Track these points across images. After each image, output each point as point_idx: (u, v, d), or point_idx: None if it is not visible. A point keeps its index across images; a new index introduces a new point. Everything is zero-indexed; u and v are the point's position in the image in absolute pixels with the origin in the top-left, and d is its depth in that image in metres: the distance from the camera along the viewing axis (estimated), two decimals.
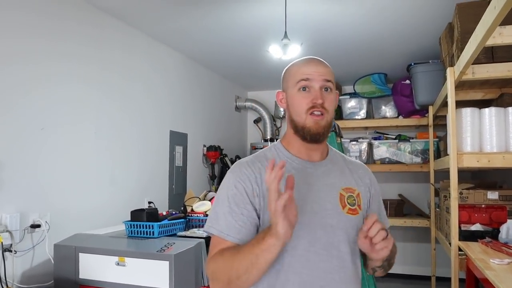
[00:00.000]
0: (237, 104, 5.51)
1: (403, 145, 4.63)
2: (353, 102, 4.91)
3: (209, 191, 3.08)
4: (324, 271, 1.10)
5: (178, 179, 4.09)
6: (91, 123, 2.95)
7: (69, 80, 2.76)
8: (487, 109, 2.47)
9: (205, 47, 3.94)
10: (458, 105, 2.53)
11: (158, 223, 2.34)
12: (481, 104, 2.89)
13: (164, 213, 2.55)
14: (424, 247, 4.91)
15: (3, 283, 2.22)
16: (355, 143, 4.75)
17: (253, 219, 1.10)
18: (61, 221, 2.62)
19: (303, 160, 1.18)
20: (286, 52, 2.90)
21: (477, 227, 2.63)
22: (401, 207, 4.80)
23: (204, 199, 2.87)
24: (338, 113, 4.93)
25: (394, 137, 4.77)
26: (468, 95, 2.97)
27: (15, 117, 2.38)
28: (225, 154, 4.86)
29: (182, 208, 2.78)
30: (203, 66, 4.62)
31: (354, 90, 4.88)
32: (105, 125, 3.09)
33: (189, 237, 2.35)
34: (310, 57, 1.22)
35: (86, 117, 2.91)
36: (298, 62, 1.21)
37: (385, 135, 4.89)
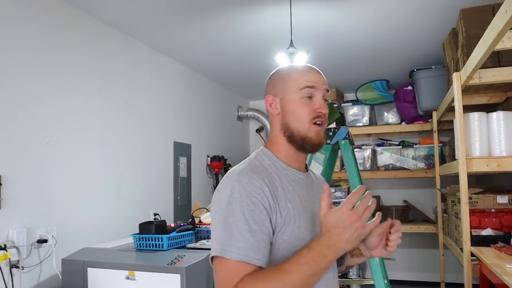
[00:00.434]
0: (239, 113, 5.50)
1: (406, 151, 4.62)
2: (355, 109, 4.90)
3: None
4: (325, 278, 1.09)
5: (182, 190, 4.06)
6: (96, 135, 2.94)
7: (73, 92, 2.75)
8: (494, 113, 2.47)
9: (207, 57, 3.94)
10: (463, 109, 2.53)
11: (167, 235, 2.32)
12: (485, 109, 2.89)
13: (172, 225, 2.52)
14: (431, 253, 4.88)
15: None
16: (358, 150, 4.73)
17: (270, 238, 1.00)
18: (68, 235, 2.59)
19: (297, 171, 1.13)
20: (293, 61, 2.90)
21: (488, 232, 2.61)
22: (406, 213, 4.78)
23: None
24: (341, 120, 4.91)
25: (397, 143, 4.76)
26: (473, 100, 2.96)
27: (19, 130, 2.36)
28: (229, 164, 4.84)
29: (190, 219, 2.75)
30: (205, 76, 4.62)
31: (356, 97, 4.88)
32: (110, 137, 3.08)
33: (199, 249, 2.32)
34: (309, 65, 1.16)
35: (91, 130, 2.90)
36: (296, 68, 1.15)
37: (388, 142, 4.88)
